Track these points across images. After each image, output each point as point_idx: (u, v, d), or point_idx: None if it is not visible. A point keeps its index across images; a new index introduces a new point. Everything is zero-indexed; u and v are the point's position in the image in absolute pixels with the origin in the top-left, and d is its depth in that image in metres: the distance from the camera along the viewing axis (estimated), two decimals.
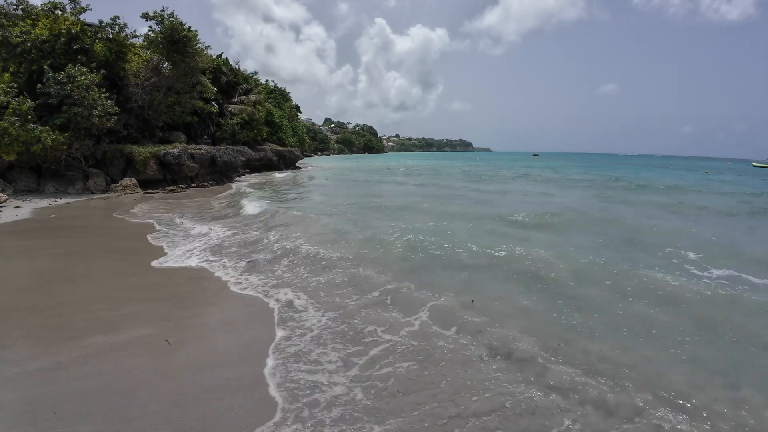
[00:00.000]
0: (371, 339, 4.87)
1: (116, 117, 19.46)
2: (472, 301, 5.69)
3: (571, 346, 4.60)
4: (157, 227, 11.42)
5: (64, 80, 17.23)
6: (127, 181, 19.76)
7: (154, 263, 7.98)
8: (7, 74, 17.25)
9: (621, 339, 4.81)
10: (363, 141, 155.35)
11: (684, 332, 4.99)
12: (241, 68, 39.29)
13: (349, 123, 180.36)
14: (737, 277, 6.98)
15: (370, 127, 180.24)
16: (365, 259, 7.94)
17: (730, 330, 5.09)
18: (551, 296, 6.08)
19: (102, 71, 19.10)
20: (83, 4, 20.04)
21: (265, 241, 9.42)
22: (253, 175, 33.59)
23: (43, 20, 18.68)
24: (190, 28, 23.21)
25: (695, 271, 7.22)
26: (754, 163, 78.76)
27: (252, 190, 21.79)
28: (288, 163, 43.47)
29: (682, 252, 8.30)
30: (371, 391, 3.87)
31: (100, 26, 20.63)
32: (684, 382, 3.95)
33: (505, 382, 3.95)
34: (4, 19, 18.50)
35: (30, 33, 17.97)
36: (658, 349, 4.60)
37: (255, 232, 10.52)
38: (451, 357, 4.45)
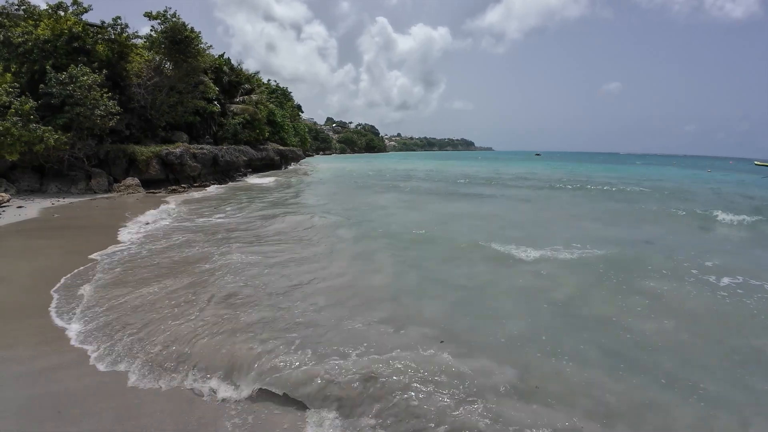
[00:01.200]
0: None
1: (118, 117, 19.47)
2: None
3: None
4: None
5: (66, 80, 17.24)
6: (129, 180, 19.77)
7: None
8: (9, 74, 17.26)
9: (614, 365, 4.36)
10: (365, 141, 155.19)
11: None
12: (243, 68, 39.30)
13: (350, 122, 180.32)
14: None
15: (372, 127, 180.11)
16: None
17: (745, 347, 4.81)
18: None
19: (104, 71, 19.10)
20: (85, 5, 20.04)
21: None
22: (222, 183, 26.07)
23: (45, 20, 18.69)
24: (192, 29, 23.23)
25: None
26: (756, 162, 78.62)
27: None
28: (290, 162, 43.57)
29: None
30: None
31: (102, 27, 20.63)
32: (690, 417, 3.60)
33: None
34: (5, 20, 18.53)
35: (32, 33, 17.98)
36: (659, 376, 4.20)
37: None
38: None
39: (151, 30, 22.87)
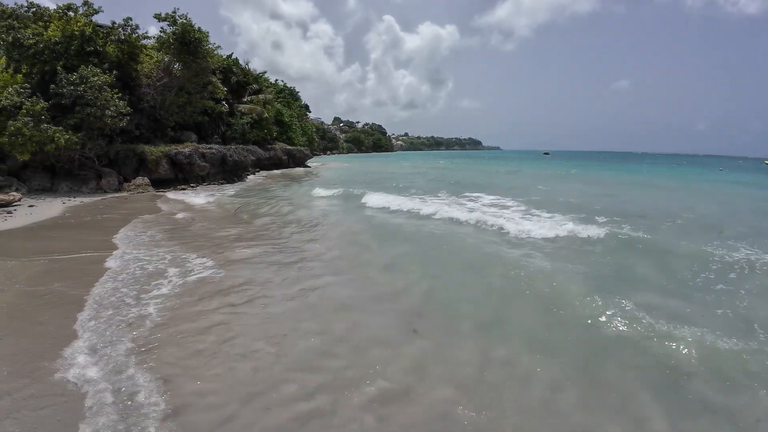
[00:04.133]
0: None
1: (128, 117, 19.55)
2: None
3: None
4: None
5: (77, 81, 17.34)
6: (139, 180, 19.88)
7: None
8: (20, 75, 17.40)
9: None
10: (372, 140, 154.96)
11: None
12: (251, 68, 39.42)
13: (358, 122, 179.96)
14: None
15: (379, 126, 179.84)
16: None
17: None
18: None
19: (114, 72, 19.20)
20: (95, 6, 20.17)
21: None
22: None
23: (55, 22, 18.83)
24: (200, 29, 23.32)
25: None
26: (766, 161, 77.99)
27: None
28: (298, 162, 43.61)
29: None
30: None
31: (112, 27, 20.74)
32: None
33: None
34: (15, 21, 18.71)
35: (42, 35, 18.12)
36: None
37: None
38: None
39: (160, 31, 23.02)
